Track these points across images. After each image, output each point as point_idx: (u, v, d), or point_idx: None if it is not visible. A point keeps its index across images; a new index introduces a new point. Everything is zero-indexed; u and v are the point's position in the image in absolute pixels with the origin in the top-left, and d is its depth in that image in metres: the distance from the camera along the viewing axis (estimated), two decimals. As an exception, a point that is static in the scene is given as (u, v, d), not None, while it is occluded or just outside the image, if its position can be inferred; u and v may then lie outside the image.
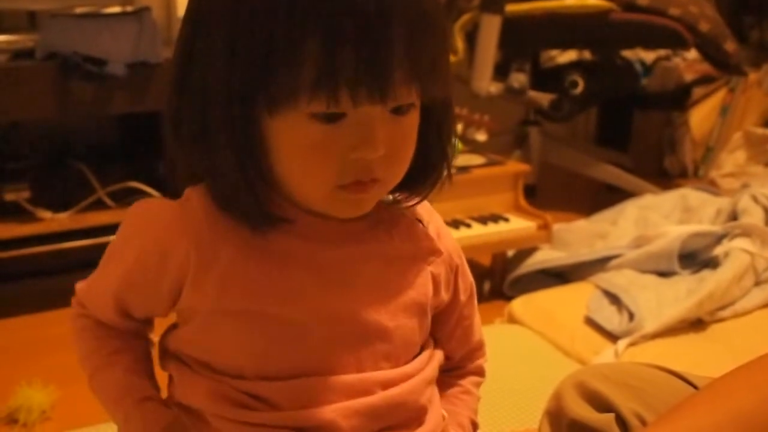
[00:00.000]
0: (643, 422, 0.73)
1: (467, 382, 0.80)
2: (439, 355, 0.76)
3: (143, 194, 1.88)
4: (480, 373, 0.82)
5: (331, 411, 0.65)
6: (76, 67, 1.73)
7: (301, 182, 0.62)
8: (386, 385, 0.68)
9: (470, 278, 0.78)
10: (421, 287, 0.71)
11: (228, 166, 0.61)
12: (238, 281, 0.64)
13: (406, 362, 0.71)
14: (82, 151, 2.05)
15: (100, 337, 0.72)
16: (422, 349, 0.74)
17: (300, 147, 0.60)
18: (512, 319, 1.68)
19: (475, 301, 0.79)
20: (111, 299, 0.69)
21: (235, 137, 0.60)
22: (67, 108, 1.78)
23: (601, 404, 0.75)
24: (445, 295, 0.74)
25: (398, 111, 0.61)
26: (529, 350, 1.56)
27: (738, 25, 3.07)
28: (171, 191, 0.68)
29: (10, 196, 1.80)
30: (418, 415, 0.71)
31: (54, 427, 1.33)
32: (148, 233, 0.66)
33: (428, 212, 0.74)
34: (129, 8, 1.88)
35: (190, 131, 0.62)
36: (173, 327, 0.71)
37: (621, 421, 0.74)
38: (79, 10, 1.82)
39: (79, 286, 0.74)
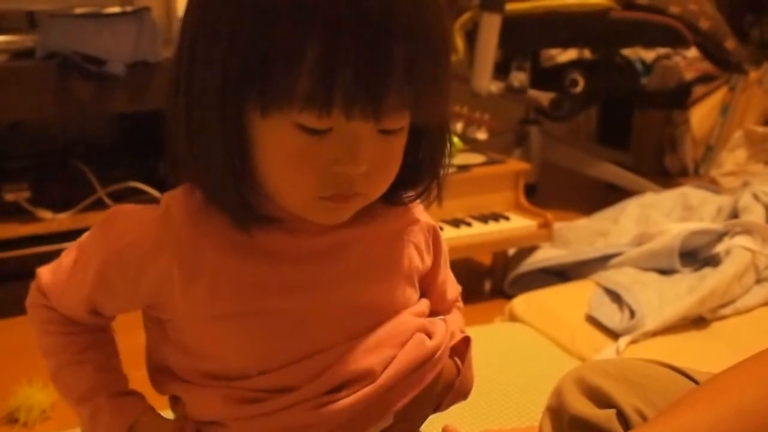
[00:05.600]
0: (644, 418, 0.72)
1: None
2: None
3: (143, 194, 1.88)
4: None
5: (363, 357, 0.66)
6: (75, 67, 1.73)
7: (283, 187, 0.62)
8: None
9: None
10: (407, 258, 0.72)
11: (217, 163, 0.60)
12: (229, 284, 0.64)
13: None
14: (82, 150, 2.05)
15: (68, 333, 0.71)
16: None
17: (284, 154, 0.59)
18: (513, 318, 1.67)
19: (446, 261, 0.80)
20: (82, 302, 0.68)
21: (226, 134, 0.59)
22: (67, 108, 1.78)
23: (602, 400, 0.75)
24: (428, 260, 0.75)
25: (386, 131, 0.60)
26: (530, 348, 1.55)
27: (738, 23, 3.06)
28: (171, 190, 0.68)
29: (10, 197, 1.80)
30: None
31: (54, 426, 1.33)
32: (126, 242, 0.65)
33: None
34: (128, 8, 1.89)
35: (186, 127, 0.61)
36: (167, 347, 0.69)
37: (622, 416, 0.73)
38: (78, 10, 1.83)
39: (44, 275, 0.72)
